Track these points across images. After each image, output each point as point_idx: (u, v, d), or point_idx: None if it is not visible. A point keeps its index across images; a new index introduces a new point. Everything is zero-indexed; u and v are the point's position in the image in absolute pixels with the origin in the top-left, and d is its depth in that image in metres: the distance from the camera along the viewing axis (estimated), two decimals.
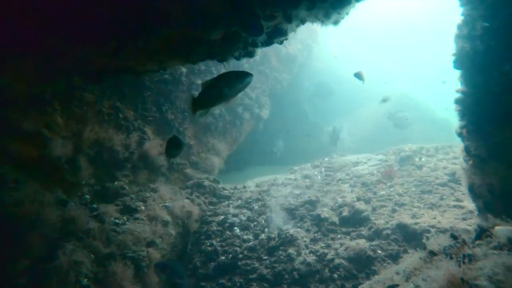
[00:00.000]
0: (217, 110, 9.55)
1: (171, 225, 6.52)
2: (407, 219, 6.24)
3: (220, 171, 9.88)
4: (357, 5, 3.30)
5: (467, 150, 4.73)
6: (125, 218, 5.92)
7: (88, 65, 3.17)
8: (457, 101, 4.52)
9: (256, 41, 3.01)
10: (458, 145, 8.70)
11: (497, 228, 2.65)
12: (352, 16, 3.76)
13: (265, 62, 12.29)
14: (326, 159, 9.93)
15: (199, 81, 9.23)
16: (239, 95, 10.48)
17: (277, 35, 3.12)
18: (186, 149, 8.78)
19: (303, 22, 3.04)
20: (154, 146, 7.63)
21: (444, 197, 6.89)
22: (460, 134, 4.76)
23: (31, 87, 5.48)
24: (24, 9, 2.37)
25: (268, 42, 3.34)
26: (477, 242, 2.67)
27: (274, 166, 14.07)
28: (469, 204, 6.18)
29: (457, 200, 6.68)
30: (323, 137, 18.78)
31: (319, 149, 17.77)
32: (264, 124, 12.26)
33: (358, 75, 7.93)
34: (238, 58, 3.53)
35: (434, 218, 6.07)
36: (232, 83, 2.80)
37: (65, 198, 5.36)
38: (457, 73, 4.52)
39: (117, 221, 5.74)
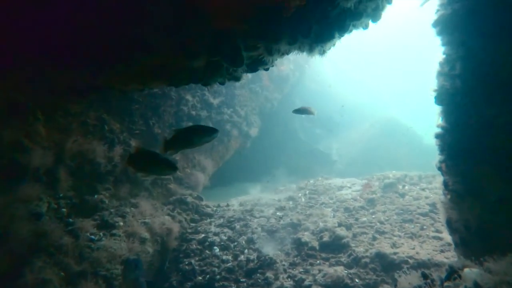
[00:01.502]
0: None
1: (149, 242, 6.39)
2: (386, 248, 6.23)
3: (204, 186, 9.81)
4: (342, 38, 3.37)
5: (445, 184, 4.78)
6: (101, 234, 5.78)
7: (69, 83, 3.15)
8: (437, 136, 4.60)
9: (237, 70, 3.04)
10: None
11: (466, 270, 2.66)
12: (346, 40, 3.84)
13: (256, 81, 12.40)
14: (312, 181, 9.95)
15: (189, 96, 9.25)
16: (229, 112, 10.56)
17: (259, 65, 3.15)
18: None
19: (287, 53, 3.08)
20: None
21: (425, 227, 6.92)
22: (439, 168, 4.82)
23: (13, 94, 5.42)
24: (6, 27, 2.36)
25: (251, 69, 3.37)
26: (446, 283, 2.66)
27: (259, 183, 14.03)
28: (448, 236, 6.20)
29: (437, 231, 6.71)
30: (312, 157, 18.88)
31: (308, 168, 17.85)
32: (252, 141, 12.27)
33: (302, 111, 7.39)
34: (222, 83, 3.55)
35: (413, 248, 6.08)
36: (201, 136, 3.27)
37: (39, 212, 5.22)
38: (438, 108, 4.61)
39: (92, 237, 5.60)
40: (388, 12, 3.75)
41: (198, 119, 9.26)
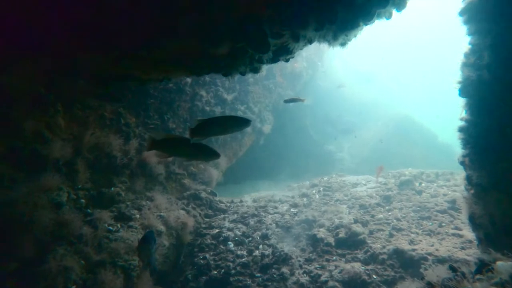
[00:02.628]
0: None
1: (164, 235, 6.41)
2: (404, 245, 6.14)
3: (217, 183, 9.81)
4: (365, 28, 3.31)
5: (468, 179, 4.68)
6: (118, 225, 5.83)
7: (93, 69, 3.16)
8: (461, 129, 4.50)
9: (262, 58, 3.00)
10: (460, 172, 8.66)
11: (498, 263, 2.58)
12: (361, 36, 3.79)
13: (270, 77, 12.35)
14: (325, 178, 9.86)
15: (203, 92, 9.27)
16: (242, 108, 10.54)
17: (284, 53, 3.11)
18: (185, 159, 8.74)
19: (310, 42, 3.04)
20: (153, 154, 7.57)
21: (443, 224, 6.80)
22: (462, 163, 4.72)
23: (35, 86, 5.50)
24: (33, 9, 2.37)
25: (274, 59, 3.34)
26: (477, 276, 2.59)
27: (272, 181, 14.01)
28: (469, 234, 6.10)
29: (456, 228, 6.59)
30: (323, 155, 18.77)
31: (319, 166, 17.74)
32: (265, 138, 12.23)
33: (291, 100, 8.54)
34: (243, 73, 3.52)
35: (432, 245, 5.97)
36: (231, 126, 3.31)
37: (60, 201, 5.28)
38: (462, 100, 4.51)
39: (110, 227, 5.64)
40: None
41: (212, 115, 9.26)
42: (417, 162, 16.62)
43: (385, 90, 23.55)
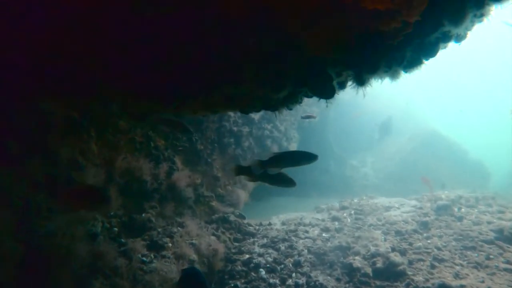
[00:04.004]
0: (246, 142, 9.42)
1: (197, 264, 6.26)
2: (450, 279, 5.77)
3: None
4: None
5: None
6: (152, 255, 5.71)
7: (141, 111, 3.08)
8: None
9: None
10: (502, 195, 8.19)
11: None
12: None
13: None
14: (356, 200, 9.55)
15: (230, 112, 9.19)
16: (269, 127, 10.41)
17: (342, 88, 2.94)
18: (213, 181, 8.64)
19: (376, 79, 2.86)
20: (182, 177, 7.49)
21: (491, 256, 6.37)
22: None
23: (70, 111, 5.49)
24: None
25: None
26: None
27: (295, 198, 13.75)
28: None
29: (508, 262, 6.14)
30: (347, 171, 18.38)
31: (342, 183, 17.37)
32: None
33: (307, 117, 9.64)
34: (291, 109, 3.37)
35: (483, 281, 5.58)
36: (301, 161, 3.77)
37: (96, 231, 5.22)
38: None
39: (144, 258, 5.53)
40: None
41: (239, 135, 9.16)
42: (445, 180, 16.04)
43: (413, 103, 22.93)
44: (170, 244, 6.11)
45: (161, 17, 1.68)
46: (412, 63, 2.70)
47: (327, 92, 2.44)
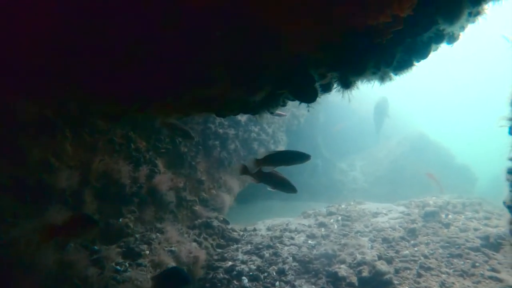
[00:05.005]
0: (232, 145, 9.15)
1: None
2: None
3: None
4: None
5: None
6: (127, 264, 5.40)
7: (109, 112, 2.81)
8: (510, 171, 4.03)
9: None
10: (488, 201, 8.11)
11: None
12: None
13: None
14: (343, 205, 9.36)
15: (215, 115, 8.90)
16: (256, 129, 10.16)
17: (326, 91, 2.72)
18: (196, 184, 8.35)
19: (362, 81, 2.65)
20: (164, 180, 7.19)
21: (477, 264, 6.25)
22: (510, 207, 4.23)
23: (44, 110, 5.17)
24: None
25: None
26: None
27: (283, 201, 13.54)
28: (509, 278, 5.58)
29: (493, 270, 6.03)
30: (336, 174, 18.25)
31: (330, 186, 17.22)
32: None
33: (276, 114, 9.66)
34: (272, 112, 3.13)
35: None
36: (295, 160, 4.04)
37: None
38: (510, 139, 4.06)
39: (118, 267, 5.22)
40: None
41: (225, 137, 8.89)
42: (432, 184, 16.05)
43: (402, 107, 22.95)
44: (147, 252, 5.81)
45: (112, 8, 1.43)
46: (402, 65, 2.50)
47: (308, 95, 2.21)
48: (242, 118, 9.61)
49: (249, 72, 1.93)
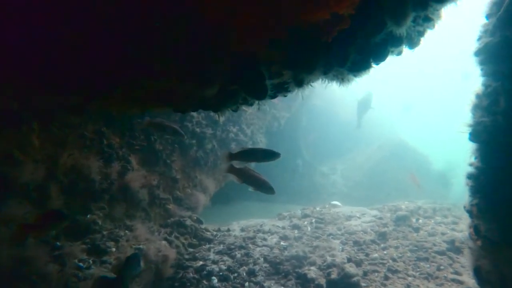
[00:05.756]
0: (209, 144, 9.09)
1: (143, 270, 5.86)
2: None
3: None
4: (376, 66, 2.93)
5: (476, 229, 4.28)
6: (91, 261, 5.27)
7: (62, 103, 2.73)
8: (470, 176, 4.12)
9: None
10: (457, 205, 8.29)
11: None
12: None
13: None
14: (318, 208, 9.42)
15: (194, 113, 8.83)
16: (234, 130, 10.13)
17: (282, 91, 2.72)
18: (171, 183, 8.25)
19: (313, 81, 2.67)
20: (137, 177, 7.08)
21: (442, 267, 6.38)
22: (469, 211, 4.33)
23: (7, 101, 5.02)
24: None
25: (272, 96, 2.94)
26: None
27: (262, 203, 13.54)
28: (469, 280, 5.70)
29: (456, 273, 6.16)
30: (316, 177, 18.37)
31: (310, 188, 17.33)
32: None
33: None
34: (235, 111, 3.12)
35: None
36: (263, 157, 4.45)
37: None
38: (472, 145, 4.16)
39: (81, 264, 5.09)
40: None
41: (202, 137, 8.83)
42: (410, 189, 16.34)
43: (383, 113, 23.31)
44: (114, 249, 5.69)
45: None
46: (358, 66, 2.52)
47: (258, 92, 2.20)
48: (221, 118, 9.57)
49: (195, 65, 1.91)
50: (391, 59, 3.86)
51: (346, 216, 8.61)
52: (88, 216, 6.10)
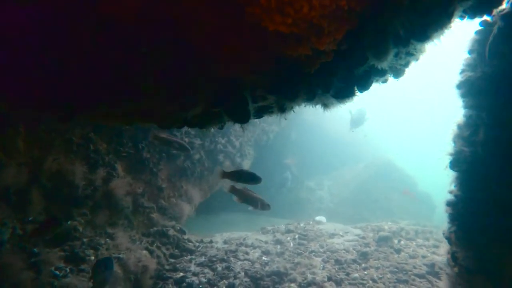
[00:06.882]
0: (197, 155, 9.09)
1: (120, 281, 5.78)
2: None
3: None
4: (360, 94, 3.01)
5: (453, 256, 4.36)
6: (68, 269, 5.17)
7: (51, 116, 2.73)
8: (449, 204, 4.22)
9: None
10: (439, 227, 8.41)
11: None
12: None
13: None
14: (302, 224, 9.44)
15: None
16: (223, 141, 10.15)
17: (267, 113, 2.77)
18: (156, 191, 8.19)
19: (298, 106, 2.73)
20: (122, 185, 7.02)
21: None
22: (448, 238, 4.41)
23: None
24: None
25: (256, 116, 2.99)
26: None
27: (247, 215, 13.47)
28: None
29: None
30: (302, 192, 18.39)
31: (297, 204, 17.31)
32: None
33: None
34: (221, 128, 3.15)
35: None
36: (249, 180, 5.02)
37: (2, 239, 4.65)
38: (453, 173, 4.26)
39: (57, 272, 4.99)
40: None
41: (191, 146, 8.81)
42: (394, 209, 16.50)
43: (371, 132, 23.62)
44: (93, 257, 5.61)
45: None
46: (343, 93, 2.59)
47: (240, 116, 2.24)
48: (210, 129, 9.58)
49: (180, 89, 1.95)
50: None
51: (329, 234, 8.64)
52: (69, 222, 6.01)
